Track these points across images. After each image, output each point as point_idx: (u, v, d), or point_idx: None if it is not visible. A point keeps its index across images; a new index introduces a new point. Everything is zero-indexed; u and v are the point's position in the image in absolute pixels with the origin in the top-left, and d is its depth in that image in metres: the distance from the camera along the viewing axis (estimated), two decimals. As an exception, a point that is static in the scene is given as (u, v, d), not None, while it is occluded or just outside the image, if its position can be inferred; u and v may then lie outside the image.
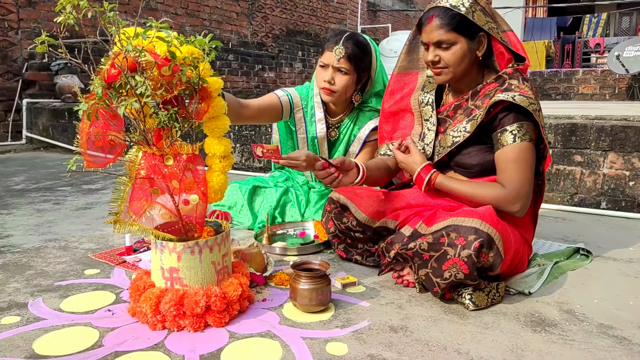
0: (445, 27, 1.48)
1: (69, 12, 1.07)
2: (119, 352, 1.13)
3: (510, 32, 1.59)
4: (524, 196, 1.45)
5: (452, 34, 1.49)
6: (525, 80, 1.50)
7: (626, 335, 1.22)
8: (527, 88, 1.47)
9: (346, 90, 1.98)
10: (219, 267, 1.30)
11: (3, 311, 1.34)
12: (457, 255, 1.29)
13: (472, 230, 1.31)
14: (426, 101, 1.71)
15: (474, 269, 1.30)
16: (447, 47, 1.50)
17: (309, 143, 2.15)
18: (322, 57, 1.99)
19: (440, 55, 1.52)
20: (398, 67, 1.81)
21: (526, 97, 1.44)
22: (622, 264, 1.75)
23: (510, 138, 1.46)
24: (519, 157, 1.45)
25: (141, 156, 1.22)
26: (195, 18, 7.13)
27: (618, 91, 7.53)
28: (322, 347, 1.15)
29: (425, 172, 1.57)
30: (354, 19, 10.30)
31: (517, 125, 1.45)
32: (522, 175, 1.45)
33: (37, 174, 3.61)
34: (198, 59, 1.19)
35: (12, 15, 5.03)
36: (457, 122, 1.59)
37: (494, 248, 1.31)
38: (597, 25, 11.45)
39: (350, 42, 1.94)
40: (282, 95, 2.11)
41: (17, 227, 2.19)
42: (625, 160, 2.48)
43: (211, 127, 1.29)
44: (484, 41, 1.52)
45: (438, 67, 1.54)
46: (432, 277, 1.35)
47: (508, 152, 1.46)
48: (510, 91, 1.47)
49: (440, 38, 1.50)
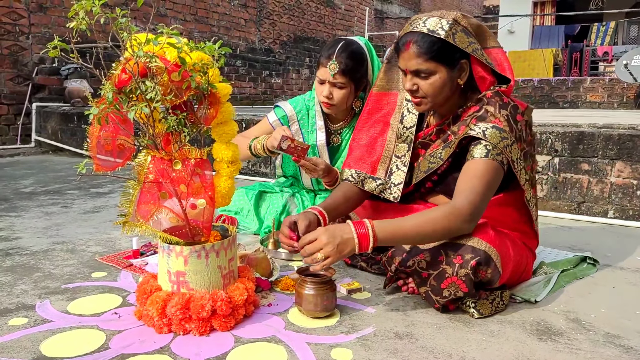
0: (423, 56, 1.35)
1: (82, 17, 1.09)
2: (125, 354, 1.14)
3: (498, 50, 1.47)
4: (480, 212, 1.31)
5: (431, 63, 1.35)
6: (504, 106, 1.36)
7: (633, 345, 1.22)
8: (503, 118, 1.34)
9: (345, 101, 1.99)
10: (225, 271, 1.31)
11: (11, 313, 1.35)
12: (455, 274, 1.29)
13: (468, 248, 1.29)
14: (407, 123, 1.57)
15: (472, 286, 1.30)
16: (426, 77, 1.38)
17: (309, 151, 2.16)
18: (318, 71, 2.00)
19: (418, 84, 1.40)
20: (377, 87, 1.65)
21: (499, 130, 1.33)
22: (629, 273, 1.74)
23: (483, 152, 1.32)
24: (487, 172, 1.31)
25: (150, 160, 1.23)
26: (204, 24, 7.18)
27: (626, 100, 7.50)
28: (327, 352, 1.15)
29: (360, 227, 1.25)
30: (362, 25, 10.34)
31: (494, 145, 1.33)
32: (483, 190, 1.30)
33: (46, 177, 3.64)
34: (207, 65, 1.20)
35: (24, 20, 5.09)
36: (435, 147, 1.51)
37: (492, 265, 1.30)
38: (605, 34, 11.42)
39: (343, 55, 1.90)
40: (273, 120, 2.17)
41: (25, 229, 2.21)
42: (633, 169, 2.46)
43: (219, 132, 1.30)
44: (466, 68, 1.40)
45: (416, 97, 1.42)
46: (431, 295, 1.35)
47: (477, 164, 1.32)
48: (484, 120, 1.35)
49: (418, 67, 1.37)
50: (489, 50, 1.46)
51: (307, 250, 1.23)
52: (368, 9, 10.50)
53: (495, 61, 1.45)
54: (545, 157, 2.69)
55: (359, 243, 1.23)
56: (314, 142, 2.14)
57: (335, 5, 9.86)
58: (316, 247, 1.22)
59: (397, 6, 12.13)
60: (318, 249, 1.22)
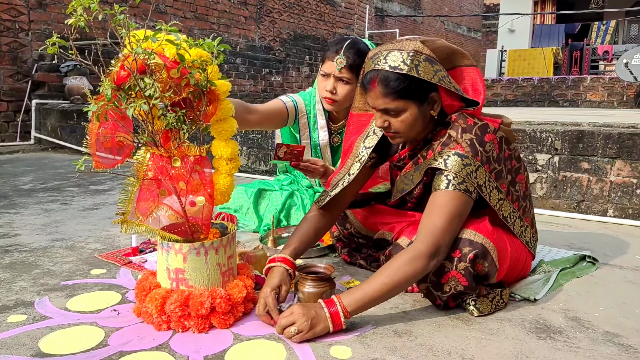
0: (389, 96, 1.30)
1: (79, 14, 1.08)
2: (124, 351, 1.13)
3: (471, 68, 1.40)
4: (444, 247, 1.27)
5: (399, 102, 1.30)
6: (467, 130, 1.31)
7: (632, 344, 1.22)
8: (465, 143, 1.30)
9: (348, 99, 1.98)
10: (224, 268, 1.31)
11: (10, 309, 1.35)
12: (455, 268, 1.29)
13: (466, 242, 1.29)
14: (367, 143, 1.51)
15: (472, 280, 1.29)
16: (396, 115, 1.33)
17: (312, 150, 2.15)
18: (323, 65, 1.98)
19: (389, 121, 1.35)
20: (355, 108, 1.59)
21: (460, 157, 1.28)
22: (629, 271, 1.74)
23: (444, 183, 1.29)
24: (447, 203, 1.28)
25: (149, 157, 1.23)
26: (203, 22, 7.17)
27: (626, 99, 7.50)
28: (326, 350, 1.15)
29: (331, 305, 1.22)
30: (362, 24, 10.32)
31: (455, 173, 1.29)
32: (445, 223, 1.26)
33: (45, 174, 3.64)
34: (207, 62, 1.20)
35: (23, 17, 5.09)
36: (407, 169, 1.49)
37: (489, 258, 1.30)
38: (605, 33, 11.41)
39: (351, 51, 1.91)
40: (287, 101, 2.11)
41: (24, 226, 2.21)
42: (633, 167, 2.46)
43: (218, 129, 1.30)
44: (437, 99, 1.34)
45: (389, 132, 1.38)
46: (432, 291, 1.35)
47: (438, 196, 1.29)
48: (447, 146, 1.32)
49: (386, 106, 1.32)
50: (462, 69, 1.40)
51: (282, 323, 1.20)
52: (368, 7, 10.48)
53: (468, 81, 1.40)
54: (545, 155, 2.69)
55: (331, 320, 1.21)
56: (316, 141, 2.13)
57: (336, 3, 9.85)
58: (289, 321, 1.20)
59: (398, 4, 12.11)
60: (291, 323, 1.19)
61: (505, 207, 1.40)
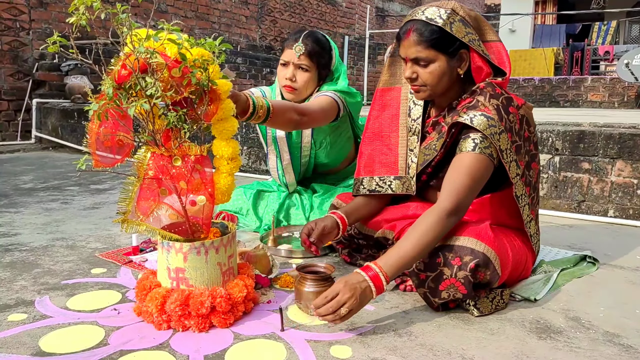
0: (422, 44, 1.37)
1: (81, 13, 1.08)
2: (124, 350, 1.13)
3: (498, 43, 1.48)
4: (464, 207, 1.32)
5: (431, 51, 1.37)
6: (494, 96, 1.37)
7: (632, 344, 1.21)
8: (492, 107, 1.35)
9: (307, 87, 1.98)
10: (225, 268, 1.31)
11: (10, 308, 1.35)
12: (454, 276, 1.28)
13: (467, 250, 1.28)
14: (414, 115, 1.59)
15: (471, 288, 1.29)
16: (425, 65, 1.39)
17: (273, 142, 2.14)
18: (282, 55, 1.99)
19: (417, 73, 1.41)
20: (382, 82, 1.66)
21: (487, 118, 1.33)
22: (629, 272, 1.73)
23: (470, 145, 1.34)
24: (472, 165, 1.32)
25: (149, 157, 1.23)
26: (204, 21, 7.17)
27: (627, 99, 7.50)
28: (326, 349, 1.15)
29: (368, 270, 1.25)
30: (362, 23, 10.31)
31: (482, 136, 1.33)
32: (467, 184, 1.31)
33: (46, 174, 3.64)
34: (208, 61, 1.20)
35: (24, 16, 5.09)
36: (430, 140, 1.52)
37: (491, 267, 1.29)
38: (606, 33, 11.40)
39: (310, 39, 1.95)
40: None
41: (25, 225, 2.21)
42: (634, 168, 2.46)
43: (219, 129, 1.30)
44: (466, 58, 1.41)
45: (416, 85, 1.44)
46: (429, 297, 1.35)
47: (463, 158, 1.34)
48: (474, 109, 1.36)
49: (417, 55, 1.39)
50: (489, 44, 1.47)
51: (331, 307, 1.18)
52: (369, 6, 10.47)
53: (495, 55, 1.46)
54: (545, 155, 2.69)
55: (375, 288, 1.23)
56: (274, 133, 2.10)
57: (337, 3, 9.84)
58: (339, 302, 1.18)
59: (398, 4, 12.11)
60: (342, 304, 1.18)
61: (519, 187, 1.41)
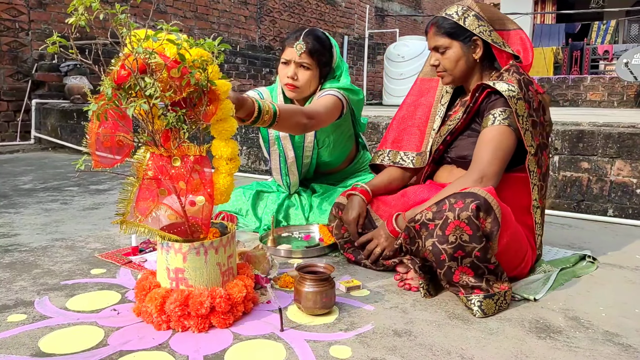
0: (439, 34, 1.63)
1: (80, 13, 1.08)
2: (123, 351, 1.13)
3: (517, 31, 1.69)
4: (489, 176, 1.48)
5: (445, 39, 1.63)
6: (517, 73, 1.56)
7: (632, 343, 1.22)
8: (514, 79, 1.53)
9: (309, 85, 1.97)
10: (224, 268, 1.31)
11: (10, 309, 1.35)
12: (457, 217, 1.33)
13: (470, 194, 1.36)
14: (443, 100, 1.82)
15: (476, 229, 1.32)
16: (443, 52, 1.64)
17: (276, 141, 2.14)
18: (283, 53, 1.99)
19: (439, 59, 1.66)
20: (423, 73, 1.90)
21: (508, 85, 1.50)
22: (629, 271, 1.74)
23: (490, 120, 1.53)
24: (493, 137, 1.51)
25: (149, 157, 1.23)
26: (204, 21, 7.17)
27: (626, 98, 7.50)
28: (326, 349, 1.15)
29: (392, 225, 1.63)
30: (362, 23, 10.31)
31: (501, 110, 1.52)
32: (490, 155, 1.49)
33: (45, 174, 3.64)
34: (207, 61, 1.20)
35: (23, 17, 5.08)
36: (455, 114, 1.71)
37: (492, 214, 1.34)
38: (605, 32, 11.40)
39: (310, 37, 1.95)
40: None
41: (24, 226, 2.21)
42: (633, 167, 2.46)
43: (219, 129, 1.30)
44: (479, 45, 1.62)
45: (439, 71, 1.68)
46: (438, 246, 1.36)
47: (485, 133, 1.53)
48: (499, 80, 1.56)
49: (436, 43, 1.65)
50: (509, 32, 1.69)
51: (369, 248, 1.67)
52: (368, 6, 10.47)
53: (519, 40, 1.68)
54: (545, 155, 2.68)
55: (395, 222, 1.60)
56: (277, 133, 2.10)
57: (336, 3, 9.84)
58: (374, 244, 1.65)
59: (398, 4, 12.10)
60: (375, 245, 1.65)
61: (532, 162, 1.54)
